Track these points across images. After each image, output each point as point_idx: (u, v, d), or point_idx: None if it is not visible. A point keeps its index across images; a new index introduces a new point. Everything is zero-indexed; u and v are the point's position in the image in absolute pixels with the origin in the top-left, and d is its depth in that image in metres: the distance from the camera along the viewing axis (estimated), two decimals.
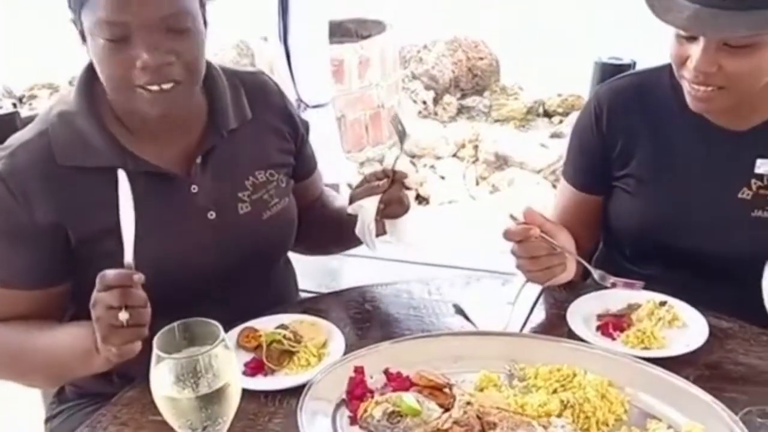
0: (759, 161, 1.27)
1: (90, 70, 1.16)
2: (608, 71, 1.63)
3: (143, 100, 1.10)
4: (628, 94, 1.37)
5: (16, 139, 1.16)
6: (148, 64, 1.06)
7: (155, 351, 0.75)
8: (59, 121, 1.15)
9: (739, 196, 1.27)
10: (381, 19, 4.28)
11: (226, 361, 0.76)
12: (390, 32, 4.16)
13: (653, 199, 1.34)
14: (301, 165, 1.36)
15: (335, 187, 3.25)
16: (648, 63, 1.41)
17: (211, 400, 0.75)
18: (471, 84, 5.65)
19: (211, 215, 1.20)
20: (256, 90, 1.28)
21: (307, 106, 2.90)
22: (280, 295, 1.33)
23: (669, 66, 1.27)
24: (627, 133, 1.36)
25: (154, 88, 1.08)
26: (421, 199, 4.00)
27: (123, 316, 0.93)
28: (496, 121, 5.17)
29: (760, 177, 1.27)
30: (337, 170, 3.07)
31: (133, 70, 1.07)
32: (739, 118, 1.27)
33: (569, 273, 1.24)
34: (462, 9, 6.89)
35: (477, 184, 4.18)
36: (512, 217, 1.22)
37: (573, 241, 1.27)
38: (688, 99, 1.22)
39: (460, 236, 2.65)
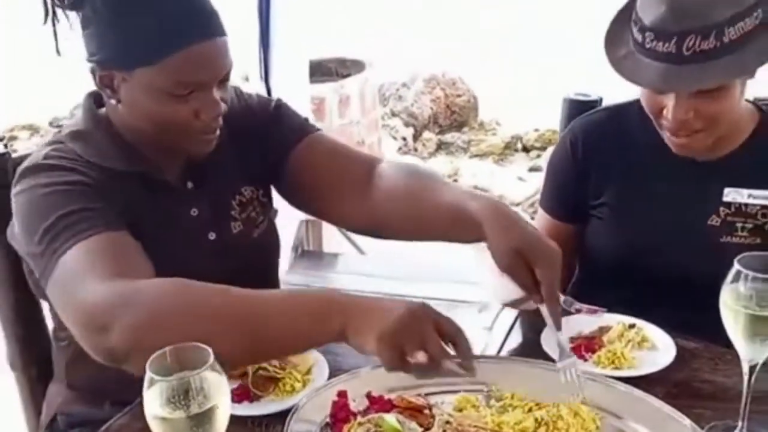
0: (726, 190, 1.34)
1: (92, 97, 1.24)
2: (576, 107, 1.71)
3: (195, 143, 1.19)
4: (601, 128, 1.44)
5: (34, 157, 1.18)
6: (211, 115, 1.15)
7: (148, 374, 0.79)
8: (72, 136, 1.20)
9: (709, 222, 1.34)
10: (360, 59, 4.37)
11: (216, 383, 0.80)
12: (369, 71, 4.25)
13: (627, 227, 1.41)
14: (278, 136, 1.32)
15: (318, 223, 3.31)
16: (613, 98, 1.49)
17: (202, 420, 0.79)
18: (450, 120, 5.76)
19: (212, 236, 1.26)
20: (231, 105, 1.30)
21: None
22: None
23: (638, 101, 1.35)
24: (600, 165, 1.43)
25: (210, 134, 1.18)
26: None
27: (422, 357, 0.90)
28: (475, 156, 5.26)
29: (728, 205, 1.34)
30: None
31: (191, 118, 1.15)
32: (708, 149, 1.34)
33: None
34: (440, 47, 7.04)
35: None
36: None
37: None
38: (670, 144, 1.29)
39: (440, 267, 2.72)
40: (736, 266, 0.95)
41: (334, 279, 3.12)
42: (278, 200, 1.42)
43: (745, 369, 1.00)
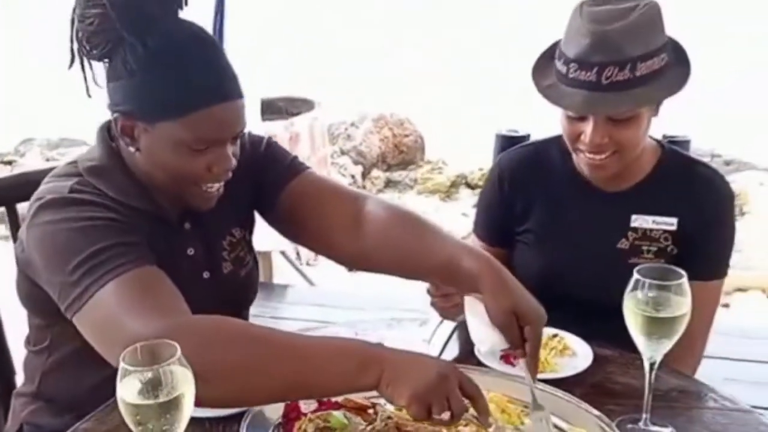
0: (633, 216, 1.51)
1: (106, 131, 1.29)
2: (507, 142, 1.88)
3: (201, 197, 1.26)
4: (525, 162, 1.61)
5: (57, 189, 1.22)
6: (223, 169, 1.24)
7: (122, 366, 0.89)
8: (89, 171, 1.25)
9: (618, 246, 1.51)
10: (309, 98, 4.52)
11: (182, 374, 0.91)
12: (318, 110, 4.40)
13: (548, 251, 1.56)
14: (271, 171, 1.39)
15: (268, 255, 3.40)
16: (540, 133, 1.65)
17: (169, 407, 0.89)
18: (398, 159, 5.94)
19: (206, 275, 1.34)
20: None
21: None
22: None
23: (559, 137, 1.51)
24: (524, 194, 1.59)
25: (216, 186, 1.26)
26: None
27: (446, 416, 1.02)
28: (422, 193, 5.44)
29: (635, 230, 1.50)
30: (272, 238, 3.22)
31: (205, 173, 1.23)
32: (616, 180, 1.51)
33: None
34: (387, 87, 7.27)
35: None
36: None
37: None
38: (586, 169, 1.46)
39: (385, 295, 2.89)
40: (635, 276, 1.10)
41: (285, 309, 3.21)
42: None
43: (647, 366, 1.14)
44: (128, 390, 0.89)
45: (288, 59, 6.80)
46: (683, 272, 1.11)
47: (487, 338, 1.19)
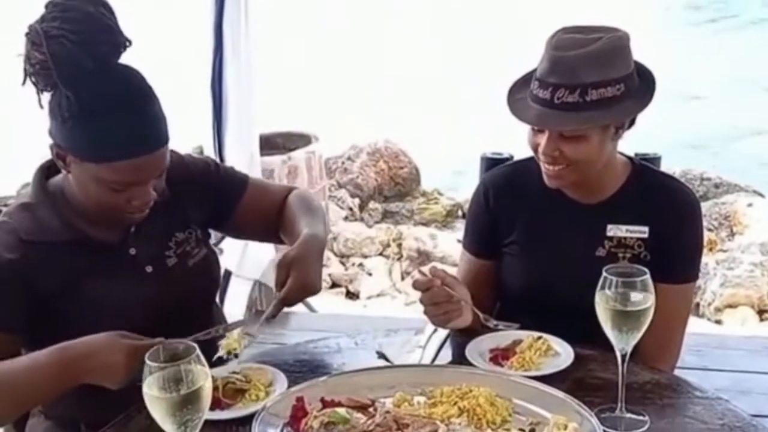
0: (609, 226, 1.62)
1: (42, 170, 1.48)
2: (491, 163, 2.01)
3: (125, 219, 1.44)
4: (507, 179, 1.74)
5: None
6: (142, 203, 1.40)
7: (147, 363, 1.01)
8: (21, 208, 1.45)
9: (596, 254, 1.62)
10: (306, 132, 4.66)
11: (199, 370, 1.02)
12: (315, 144, 4.54)
13: (532, 261, 1.68)
14: (223, 201, 1.63)
15: (257, 283, 3.50)
16: (523, 155, 1.78)
17: (190, 398, 1.01)
18: (394, 191, 6.06)
19: (149, 269, 1.50)
20: (170, 169, 1.52)
21: None
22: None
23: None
24: (508, 209, 1.71)
25: (138, 214, 1.43)
26: (351, 295, 4.28)
27: None
28: (420, 223, 5.56)
29: (611, 238, 1.62)
30: (270, 269, 3.34)
31: (125, 204, 1.40)
32: (591, 194, 1.64)
33: (465, 319, 1.54)
34: (382, 120, 7.43)
35: (402, 279, 4.50)
36: (420, 271, 1.54)
37: (469, 294, 1.57)
38: (545, 178, 1.59)
39: (381, 319, 3.00)
40: (604, 275, 1.23)
41: (287, 336, 3.31)
42: None
43: (619, 357, 1.26)
44: (153, 386, 1.01)
45: (284, 95, 6.97)
46: (646, 270, 1.23)
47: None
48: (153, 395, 1.00)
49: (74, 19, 1.31)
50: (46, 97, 1.37)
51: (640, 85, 1.53)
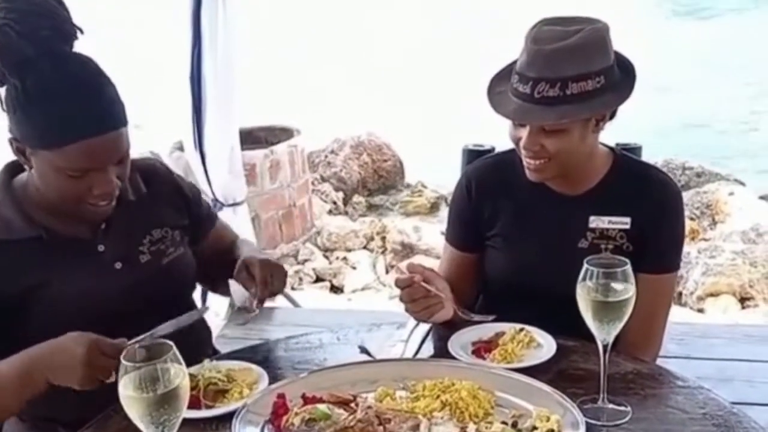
0: (591, 218, 1.62)
1: (7, 169, 1.46)
2: (473, 155, 2.00)
3: (90, 212, 1.41)
4: (490, 171, 1.73)
5: None
6: (103, 192, 1.38)
7: (123, 363, 0.99)
8: None
9: (579, 246, 1.61)
10: (288, 126, 4.63)
11: (177, 369, 1.01)
12: (297, 138, 4.51)
13: (515, 253, 1.67)
14: (198, 225, 1.65)
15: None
16: (504, 147, 1.77)
17: (167, 398, 0.99)
18: (378, 184, 6.05)
19: (118, 266, 1.48)
20: (149, 172, 1.57)
21: (223, 204, 3.17)
22: (193, 334, 1.57)
23: None
24: (491, 201, 1.70)
25: (102, 204, 1.40)
26: (335, 288, 4.27)
27: (113, 378, 1.17)
28: (404, 215, 5.55)
29: (593, 230, 1.61)
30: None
31: (87, 193, 1.37)
32: (573, 185, 1.63)
33: (447, 312, 1.54)
34: (363, 112, 7.40)
35: (387, 272, 4.49)
36: (399, 269, 1.53)
37: (449, 287, 1.56)
38: (527, 172, 1.58)
39: (363, 313, 2.99)
40: (585, 266, 1.22)
41: (271, 331, 3.29)
42: None
43: (601, 348, 1.25)
44: (129, 385, 0.99)
45: (266, 88, 6.93)
46: (627, 260, 1.22)
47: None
48: (129, 395, 0.98)
49: (19, 9, 1.32)
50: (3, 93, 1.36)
51: (621, 77, 1.52)
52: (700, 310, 3.83)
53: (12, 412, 1.42)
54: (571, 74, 1.44)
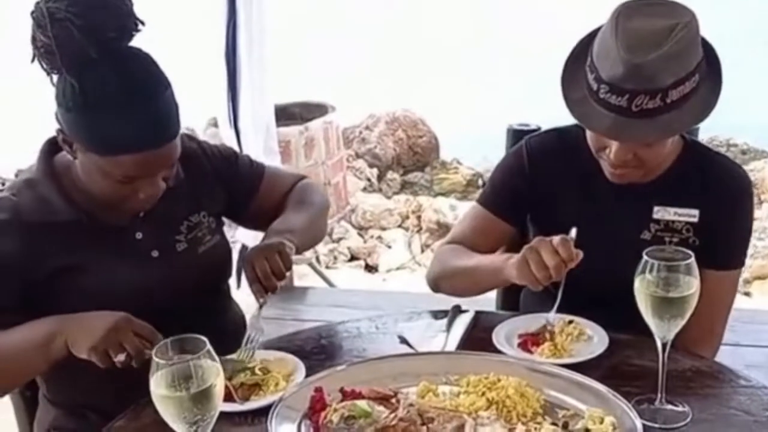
0: (656, 208, 1.51)
1: (49, 145, 1.40)
2: (519, 134, 1.90)
3: (134, 207, 1.38)
4: (553, 147, 1.61)
5: None
6: (149, 195, 1.34)
7: (154, 359, 0.94)
8: (26, 184, 1.38)
9: (641, 237, 1.51)
10: (323, 102, 4.56)
11: (211, 367, 0.95)
12: (332, 114, 4.44)
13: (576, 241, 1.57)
14: (243, 183, 1.59)
15: None
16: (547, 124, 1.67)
17: (201, 398, 0.94)
18: (412, 161, 5.96)
19: (155, 254, 1.43)
20: (188, 157, 1.47)
21: None
22: (229, 320, 1.54)
23: (584, 130, 1.52)
24: (550, 179, 1.59)
25: (148, 203, 1.37)
26: (370, 268, 4.21)
27: (121, 357, 1.21)
28: (439, 194, 5.46)
29: (657, 221, 1.51)
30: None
31: (132, 195, 1.33)
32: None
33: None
34: (399, 87, 7.30)
35: (422, 251, 4.42)
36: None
37: None
38: (607, 173, 1.47)
39: (399, 296, 2.94)
40: (644, 258, 1.13)
41: (305, 311, 3.26)
42: None
43: (660, 346, 1.17)
44: (160, 383, 0.94)
45: (301, 64, 6.86)
46: (690, 252, 1.13)
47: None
48: (161, 394, 0.93)
49: (81, 2, 1.22)
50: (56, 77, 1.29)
51: (708, 69, 1.40)
52: (747, 294, 3.70)
53: (38, 371, 1.39)
54: (671, 82, 1.32)
